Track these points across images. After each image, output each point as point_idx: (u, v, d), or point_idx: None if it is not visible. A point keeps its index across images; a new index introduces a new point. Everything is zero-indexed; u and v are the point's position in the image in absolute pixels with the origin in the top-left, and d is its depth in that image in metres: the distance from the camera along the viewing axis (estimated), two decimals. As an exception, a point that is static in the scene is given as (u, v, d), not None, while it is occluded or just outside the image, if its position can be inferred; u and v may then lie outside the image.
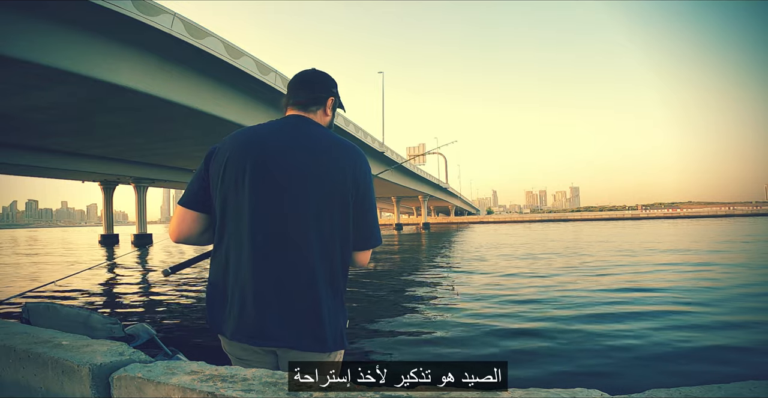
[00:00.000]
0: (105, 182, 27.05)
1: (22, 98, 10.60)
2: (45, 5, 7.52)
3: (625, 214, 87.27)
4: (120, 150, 19.28)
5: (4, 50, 7.40)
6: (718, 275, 8.23)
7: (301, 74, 1.21)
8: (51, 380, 0.89)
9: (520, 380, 3.25)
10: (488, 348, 4.04)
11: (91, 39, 8.68)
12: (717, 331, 4.44)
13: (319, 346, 1.01)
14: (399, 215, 55.53)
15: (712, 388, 0.63)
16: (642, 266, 9.89)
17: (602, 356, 3.75)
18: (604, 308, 5.62)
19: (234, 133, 1.12)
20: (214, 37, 10.47)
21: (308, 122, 1.14)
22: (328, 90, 1.20)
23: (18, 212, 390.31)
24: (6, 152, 17.28)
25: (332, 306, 1.04)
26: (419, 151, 62.25)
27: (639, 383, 3.16)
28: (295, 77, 1.21)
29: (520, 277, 8.67)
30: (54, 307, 1.69)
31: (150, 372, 0.77)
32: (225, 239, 1.06)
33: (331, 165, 1.04)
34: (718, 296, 6.21)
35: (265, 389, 0.69)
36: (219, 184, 1.06)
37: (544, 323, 4.91)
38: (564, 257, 12.76)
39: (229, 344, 1.09)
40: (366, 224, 1.10)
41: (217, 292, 1.07)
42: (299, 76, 1.21)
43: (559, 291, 6.91)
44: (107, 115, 12.53)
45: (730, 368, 3.43)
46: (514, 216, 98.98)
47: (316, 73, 1.22)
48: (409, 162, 35.44)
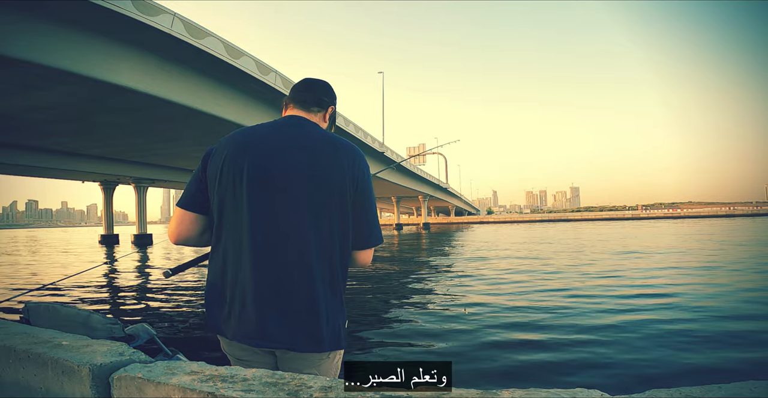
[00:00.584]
0: (105, 182, 27.03)
1: (22, 98, 10.59)
2: (45, 5, 7.52)
3: (625, 214, 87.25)
4: (120, 150, 19.27)
5: (4, 50, 7.40)
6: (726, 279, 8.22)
7: (307, 79, 1.26)
8: (51, 380, 0.89)
9: (520, 381, 3.25)
10: (485, 349, 4.05)
11: (91, 39, 8.68)
12: (718, 330, 4.44)
13: (315, 347, 1.01)
14: (399, 215, 55.52)
15: (712, 388, 0.63)
16: (644, 271, 9.88)
17: (602, 357, 3.75)
18: (604, 306, 5.62)
19: (231, 133, 1.12)
20: (214, 37, 10.47)
21: (308, 122, 1.14)
22: (331, 98, 1.24)
23: (18, 212, 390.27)
24: (6, 152, 17.27)
25: (331, 306, 1.04)
26: (419, 151, 62.22)
27: (639, 383, 3.16)
28: (302, 80, 1.25)
29: (521, 279, 8.67)
30: (54, 307, 1.69)
31: (150, 372, 0.77)
32: (222, 240, 1.06)
33: (330, 165, 1.04)
34: (721, 298, 6.21)
35: (265, 389, 0.69)
36: (216, 185, 1.06)
37: (543, 322, 4.91)
38: (565, 258, 12.76)
39: (229, 344, 1.09)
40: (366, 223, 1.10)
41: (216, 293, 1.07)
42: (305, 79, 1.25)
43: (560, 291, 6.91)
44: (107, 115, 12.53)
45: (729, 369, 3.43)
46: (514, 216, 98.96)
47: (322, 81, 1.26)
48: (409, 162, 35.44)
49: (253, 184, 1.03)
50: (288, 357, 1.04)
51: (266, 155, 1.05)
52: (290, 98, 1.21)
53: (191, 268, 1.30)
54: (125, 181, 26.46)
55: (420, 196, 48.53)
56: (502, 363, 3.63)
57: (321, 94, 1.21)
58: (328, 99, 1.22)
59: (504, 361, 3.68)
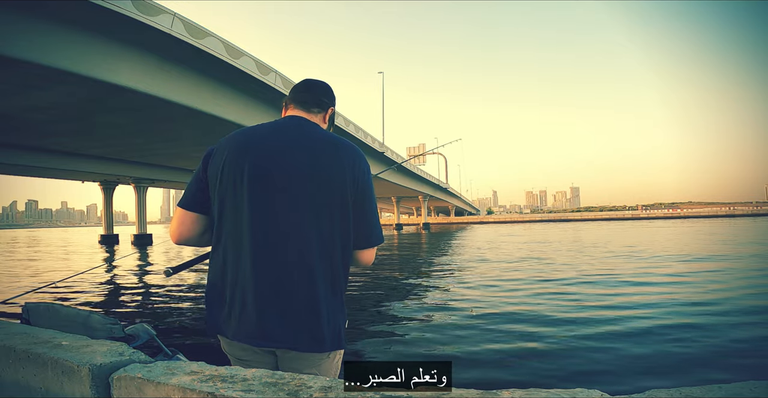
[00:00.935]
0: (105, 182, 27.02)
1: (22, 98, 10.59)
2: (45, 5, 7.51)
3: (625, 214, 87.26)
4: (120, 150, 19.28)
5: (4, 50, 7.40)
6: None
7: (307, 80, 1.26)
8: (51, 380, 0.89)
9: (520, 381, 3.25)
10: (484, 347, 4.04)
11: (91, 39, 8.68)
12: (721, 332, 4.44)
13: (316, 346, 1.01)
14: (399, 215, 55.53)
15: (713, 388, 0.63)
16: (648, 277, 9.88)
17: (602, 357, 3.75)
18: (604, 308, 5.62)
19: (232, 133, 1.13)
20: (213, 37, 10.47)
21: (308, 122, 1.15)
22: (330, 99, 1.24)
23: (18, 212, 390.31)
24: (6, 152, 17.27)
25: (332, 306, 1.04)
26: (419, 151, 62.25)
27: (639, 383, 3.16)
28: (302, 81, 1.26)
29: (522, 281, 8.67)
30: (54, 307, 1.69)
31: (150, 372, 0.77)
32: (223, 240, 1.06)
33: (331, 165, 1.05)
34: (725, 300, 6.21)
35: (265, 389, 0.69)
36: (217, 185, 1.07)
37: (543, 322, 4.91)
38: (566, 259, 12.75)
39: (229, 344, 1.09)
40: (366, 222, 1.10)
41: (216, 292, 1.07)
42: (306, 80, 1.26)
43: (560, 293, 6.91)
44: (107, 115, 12.53)
45: (730, 369, 3.43)
46: (514, 216, 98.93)
47: (322, 82, 1.27)
48: (409, 162, 35.45)
49: (253, 184, 1.03)
50: (288, 357, 1.04)
51: (267, 155, 1.05)
52: (291, 99, 1.21)
53: (191, 267, 1.30)
54: (125, 181, 26.47)
55: (420, 196, 48.53)
56: (501, 363, 3.63)
57: (321, 96, 1.21)
58: (328, 100, 1.23)
59: (504, 361, 3.68)
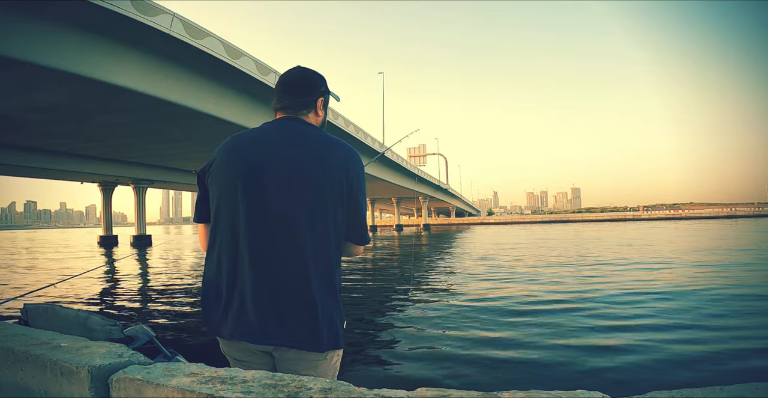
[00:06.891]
0: (104, 183, 26.97)
1: (21, 99, 10.59)
2: (45, 5, 7.51)
3: (626, 215, 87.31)
4: (119, 151, 19.25)
5: (4, 50, 7.39)
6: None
7: (285, 77, 1.18)
8: (50, 382, 0.89)
9: (518, 381, 3.25)
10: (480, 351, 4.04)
11: (90, 39, 8.67)
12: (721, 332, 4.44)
13: (315, 345, 1.02)
14: (399, 216, 55.52)
15: (714, 390, 0.62)
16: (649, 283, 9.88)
17: (603, 359, 3.75)
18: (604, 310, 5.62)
19: (227, 139, 1.14)
20: (213, 37, 10.47)
21: (301, 122, 1.15)
22: (315, 92, 1.18)
23: (17, 213, 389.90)
24: (5, 152, 17.25)
25: (328, 304, 1.05)
26: (419, 152, 62.20)
27: (640, 385, 3.16)
28: (280, 80, 1.18)
29: (522, 283, 8.67)
30: (53, 308, 1.68)
31: (149, 373, 0.77)
32: (218, 240, 1.08)
33: (325, 165, 1.06)
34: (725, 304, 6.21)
35: (264, 391, 0.69)
36: (213, 188, 1.09)
37: (544, 323, 4.91)
38: (568, 262, 12.76)
39: (227, 345, 1.09)
40: (360, 221, 1.13)
41: (213, 292, 1.08)
42: (284, 79, 1.18)
43: (560, 293, 6.91)
44: (106, 115, 12.52)
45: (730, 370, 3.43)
46: (515, 217, 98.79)
47: (301, 74, 1.18)
48: (409, 163, 35.44)
49: (249, 185, 1.04)
50: (286, 358, 1.04)
51: (261, 156, 1.06)
52: (277, 107, 1.18)
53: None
54: (124, 182, 26.42)
55: (420, 197, 48.53)
56: (502, 364, 3.63)
57: (306, 96, 1.16)
58: (312, 96, 1.17)
59: (505, 361, 3.68)
